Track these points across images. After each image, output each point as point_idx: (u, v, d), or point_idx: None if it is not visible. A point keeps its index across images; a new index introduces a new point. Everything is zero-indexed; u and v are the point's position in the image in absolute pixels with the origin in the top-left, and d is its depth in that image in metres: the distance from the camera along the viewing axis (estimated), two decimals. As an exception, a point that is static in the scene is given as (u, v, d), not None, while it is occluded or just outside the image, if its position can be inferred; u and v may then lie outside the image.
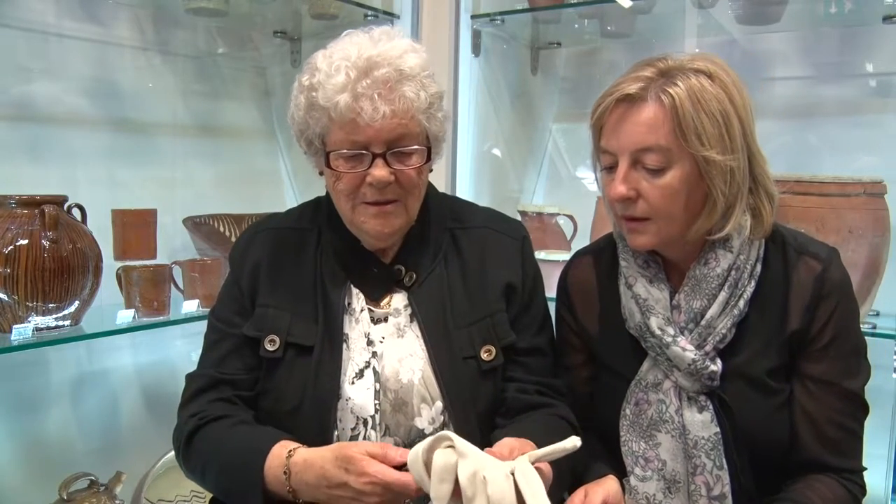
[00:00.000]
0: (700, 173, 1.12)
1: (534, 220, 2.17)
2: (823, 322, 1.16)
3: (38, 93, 1.86)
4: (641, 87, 1.12)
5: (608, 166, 1.18)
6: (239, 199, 2.25)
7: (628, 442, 1.23)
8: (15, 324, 1.50)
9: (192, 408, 1.23)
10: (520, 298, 1.29)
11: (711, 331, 1.17)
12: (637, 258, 1.24)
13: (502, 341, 1.24)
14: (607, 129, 1.16)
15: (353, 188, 1.19)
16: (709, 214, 1.14)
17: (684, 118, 1.09)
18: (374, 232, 1.21)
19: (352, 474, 1.02)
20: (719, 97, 1.10)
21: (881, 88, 2.00)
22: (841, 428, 1.17)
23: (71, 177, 1.89)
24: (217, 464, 1.17)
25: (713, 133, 1.09)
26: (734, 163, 1.11)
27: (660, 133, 1.10)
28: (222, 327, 1.28)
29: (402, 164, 1.18)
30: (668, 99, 1.10)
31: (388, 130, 1.15)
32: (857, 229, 1.59)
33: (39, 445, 1.87)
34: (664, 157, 1.11)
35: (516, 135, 2.49)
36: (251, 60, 2.41)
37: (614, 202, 1.16)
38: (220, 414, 1.20)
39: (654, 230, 1.16)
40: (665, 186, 1.12)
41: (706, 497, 1.16)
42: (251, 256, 1.29)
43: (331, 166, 1.19)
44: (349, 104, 1.13)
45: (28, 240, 1.49)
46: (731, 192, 1.13)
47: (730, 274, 1.16)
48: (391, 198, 1.19)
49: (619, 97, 1.13)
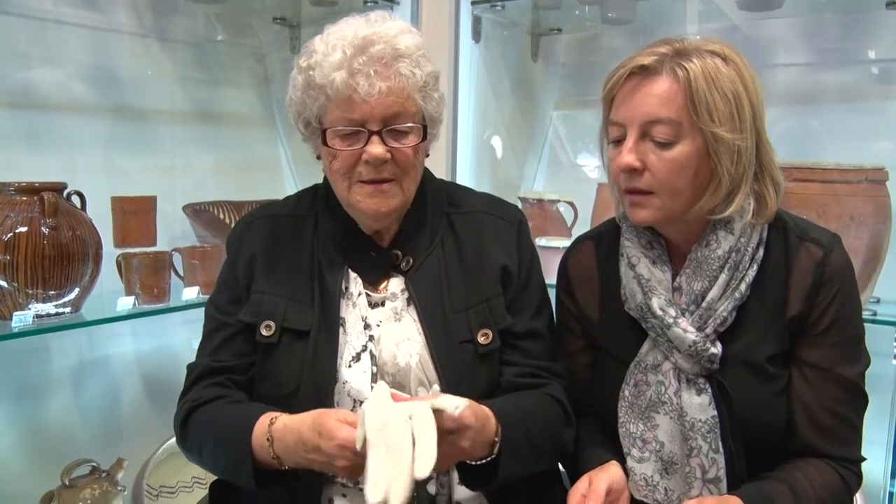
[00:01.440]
0: (708, 151, 1.12)
1: (534, 206, 2.17)
2: (823, 308, 1.16)
3: (37, 80, 1.85)
4: (657, 60, 1.12)
5: (616, 139, 1.17)
6: (239, 186, 2.25)
7: (626, 423, 1.23)
8: (15, 311, 1.50)
9: (188, 395, 1.25)
10: (516, 282, 1.29)
11: (712, 313, 1.17)
12: (641, 238, 1.24)
13: (499, 325, 1.25)
14: (618, 100, 1.16)
15: (350, 167, 1.19)
16: (713, 194, 1.14)
17: (697, 93, 1.09)
18: (370, 211, 1.21)
19: (324, 438, 1.03)
20: (732, 79, 1.11)
21: (883, 75, 1.99)
22: (836, 416, 1.17)
23: (70, 164, 1.89)
24: (211, 442, 1.18)
25: (724, 111, 1.10)
26: (742, 143, 1.11)
27: (671, 106, 1.11)
28: (218, 316, 1.29)
29: (398, 143, 1.19)
30: (682, 73, 1.10)
31: (384, 107, 1.16)
32: (859, 216, 1.58)
33: (41, 432, 1.88)
34: (674, 131, 1.11)
35: (517, 121, 2.48)
36: (250, 47, 2.40)
37: (620, 173, 1.16)
38: (213, 396, 1.22)
39: (656, 204, 1.15)
40: (672, 160, 1.12)
41: (701, 479, 1.17)
42: (247, 245, 1.30)
43: (327, 144, 1.19)
44: (345, 80, 1.14)
45: (27, 227, 1.49)
46: (738, 173, 1.13)
47: (730, 256, 1.16)
48: (387, 176, 1.19)
49: (633, 68, 1.13)
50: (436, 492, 1.17)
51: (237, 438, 1.13)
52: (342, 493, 1.19)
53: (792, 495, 1.11)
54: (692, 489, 1.17)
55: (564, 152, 2.51)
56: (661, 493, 1.20)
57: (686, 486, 1.18)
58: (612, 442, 1.27)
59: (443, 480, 1.18)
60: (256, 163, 2.42)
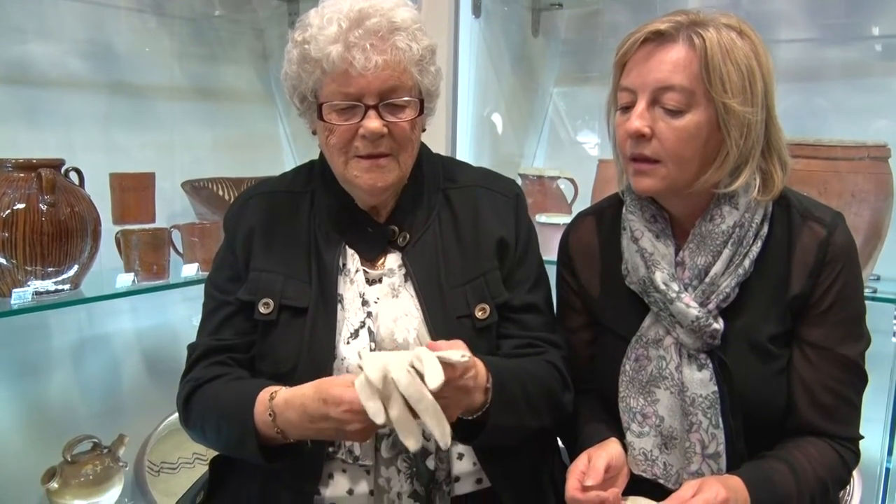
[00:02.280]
0: (718, 122, 1.11)
1: (534, 183, 2.16)
2: (826, 287, 1.16)
3: (33, 55, 1.83)
4: (673, 27, 1.11)
5: (625, 105, 1.16)
6: (237, 162, 2.24)
7: (626, 398, 1.23)
8: (14, 288, 1.50)
9: (189, 375, 1.24)
10: (513, 255, 1.28)
11: (715, 289, 1.16)
12: (645, 212, 1.23)
13: (496, 299, 1.24)
14: (630, 65, 1.15)
15: (346, 142, 1.18)
16: (720, 167, 1.13)
17: (712, 62, 1.08)
18: (366, 186, 1.20)
19: (330, 405, 1.02)
20: (747, 53, 1.10)
21: (887, 51, 1.97)
22: (836, 395, 1.17)
23: (67, 140, 1.88)
24: (213, 420, 1.18)
25: (737, 83, 1.09)
26: (752, 117, 1.10)
27: (685, 74, 1.10)
28: (217, 294, 1.29)
29: (394, 117, 1.18)
30: (699, 41, 1.09)
31: (380, 81, 1.15)
32: (861, 193, 1.58)
33: (42, 409, 1.89)
34: (685, 99, 1.10)
35: (517, 98, 2.46)
36: (249, 22, 2.37)
37: (627, 140, 1.15)
38: (214, 375, 1.21)
39: (662, 174, 1.14)
40: (682, 129, 1.11)
41: (700, 454, 1.17)
42: (244, 222, 1.29)
43: (323, 119, 1.19)
44: (341, 54, 1.13)
45: (25, 203, 1.48)
46: (746, 147, 1.12)
47: (734, 231, 1.15)
48: (384, 151, 1.19)
49: (648, 34, 1.12)
50: (434, 467, 1.17)
51: (240, 415, 1.12)
52: (342, 468, 1.20)
53: (791, 474, 1.12)
54: (691, 464, 1.18)
55: (565, 129, 2.50)
56: (659, 468, 1.21)
57: (685, 461, 1.19)
58: (611, 419, 1.27)
59: (441, 455, 1.18)
60: (255, 139, 2.41)
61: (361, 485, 1.19)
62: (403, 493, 1.16)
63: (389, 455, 1.16)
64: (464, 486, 1.22)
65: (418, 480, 1.16)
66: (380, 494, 1.17)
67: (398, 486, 1.16)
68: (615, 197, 1.34)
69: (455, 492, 1.21)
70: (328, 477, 1.20)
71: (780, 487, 1.10)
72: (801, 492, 1.11)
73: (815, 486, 1.13)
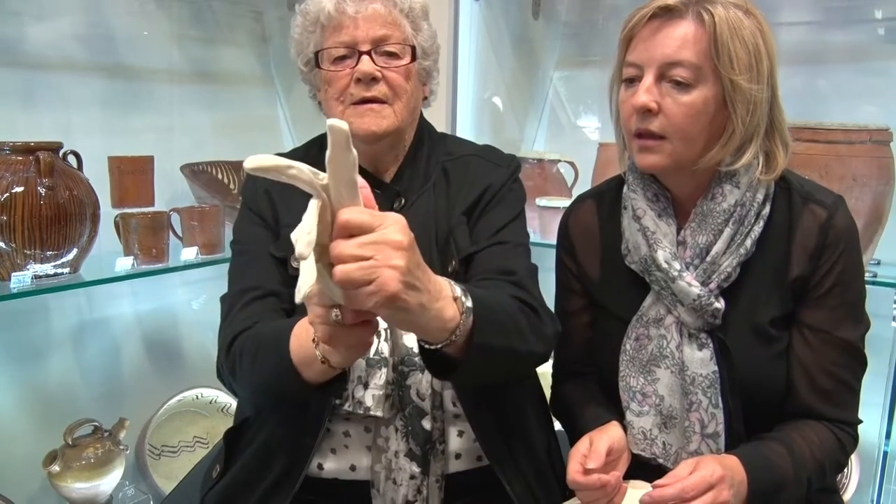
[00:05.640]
0: (724, 99, 1.11)
1: (534, 166, 2.15)
2: (826, 270, 1.15)
3: (31, 37, 1.82)
4: (682, 3, 1.11)
5: (629, 79, 1.16)
6: (237, 145, 2.23)
7: (626, 377, 1.23)
8: (14, 272, 1.49)
9: (236, 322, 1.19)
10: (482, 209, 1.28)
11: (716, 268, 1.16)
12: (647, 191, 1.22)
13: (462, 252, 1.24)
14: (637, 40, 1.14)
15: (342, 89, 1.23)
16: (725, 144, 1.13)
17: (721, 38, 1.08)
18: (361, 131, 1.22)
19: None
20: (753, 31, 1.11)
21: (890, 34, 1.96)
22: (835, 378, 1.17)
23: (66, 124, 1.87)
24: (250, 354, 1.13)
25: (744, 60, 1.09)
26: (759, 94, 1.11)
27: (694, 49, 1.09)
28: (250, 248, 1.27)
29: (387, 63, 1.23)
30: (708, 17, 1.09)
31: (373, 29, 1.22)
32: (862, 177, 1.57)
33: (43, 392, 1.89)
34: (692, 75, 1.10)
35: (517, 81, 2.45)
36: (247, 5, 2.36)
37: (632, 115, 1.14)
38: (262, 319, 1.18)
39: (667, 150, 1.13)
40: (689, 104, 1.11)
41: (699, 434, 1.17)
42: (260, 187, 1.31)
43: (321, 67, 1.25)
44: (336, 4, 1.22)
45: (24, 187, 1.48)
46: (752, 124, 1.12)
47: (736, 210, 1.15)
48: (378, 96, 1.23)
49: (656, 9, 1.12)
50: (430, 427, 1.18)
51: (278, 343, 1.06)
52: (345, 417, 1.20)
53: (789, 456, 1.12)
54: (690, 443, 1.18)
55: (565, 113, 2.49)
56: (658, 447, 1.21)
57: (684, 441, 1.19)
58: (611, 402, 1.27)
59: (436, 415, 1.19)
60: (254, 122, 2.40)
61: (362, 440, 1.20)
62: (400, 452, 1.17)
63: (389, 414, 1.17)
64: (463, 463, 1.23)
65: (414, 440, 1.17)
66: (378, 453, 1.18)
67: (395, 445, 1.17)
68: (615, 179, 1.33)
69: (453, 468, 1.22)
70: (326, 432, 1.21)
71: (776, 468, 1.10)
72: (798, 474, 1.11)
73: (812, 469, 1.13)
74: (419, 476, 1.18)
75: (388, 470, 1.18)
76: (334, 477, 1.21)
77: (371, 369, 1.17)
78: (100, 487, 1.77)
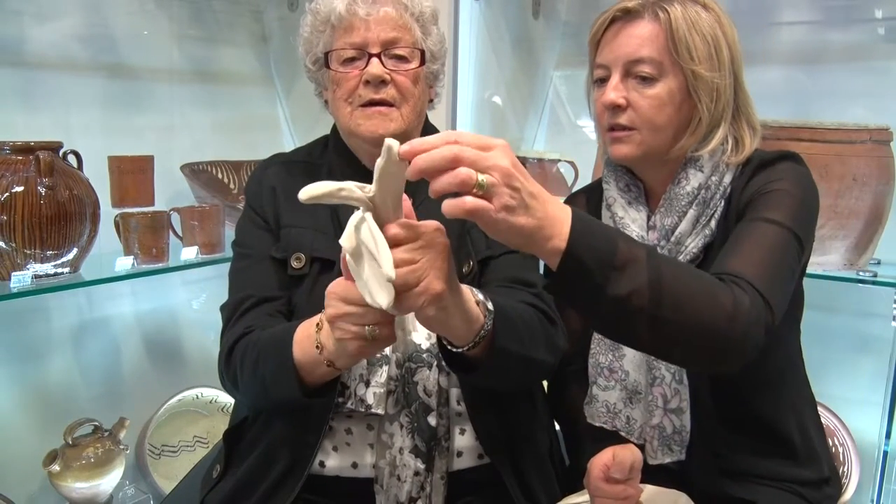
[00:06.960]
0: (688, 89, 1.17)
1: (535, 166, 2.16)
2: (756, 188, 1.14)
3: (31, 37, 1.82)
4: (639, 4, 1.19)
5: (600, 79, 1.23)
6: (237, 145, 2.23)
7: (596, 354, 1.28)
8: (14, 271, 1.49)
9: (234, 330, 1.21)
10: None
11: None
12: (619, 181, 1.28)
13: (479, 255, 1.26)
14: (603, 43, 1.23)
15: (351, 90, 1.24)
16: (694, 132, 1.19)
17: (677, 33, 1.16)
18: (368, 134, 1.23)
19: (329, 307, 0.97)
20: (711, 24, 1.17)
21: (890, 34, 1.96)
22: (753, 244, 1.06)
23: (65, 123, 1.87)
24: (252, 360, 1.15)
25: (703, 51, 1.16)
26: (720, 81, 1.17)
27: (653, 46, 1.17)
28: (250, 252, 1.29)
29: (396, 66, 1.24)
30: (664, 15, 1.17)
31: (384, 32, 1.23)
32: (862, 177, 1.57)
33: (43, 392, 1.89)
34: (655, 69, 1.17)
35: (517, 81, 2.45)
36: (247, 4, 2.36)
37: (604, 112, 1.21)
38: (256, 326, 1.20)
39: (637, 140, 1.20)
40: (654, 97, 1.17)
41: (662, 408, 1.20)
42: (266, 184, 1.32)
43: (330, 67, 1.25)
44: (347, 5, 1.23)
45: (24, 186, 1.48)
46: (717, 111, 1.18)
47: (699, 193, 1.19)
48: (386, 99, 1.24)
49: (616, 13, 1.20)
50: (436, 423, 1.18)
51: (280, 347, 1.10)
52: (347, 415, 1.20)
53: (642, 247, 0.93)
54: (653, 418, 1.21)
55: (565, 113, 2.49)
56: (622, 421, 1.24)
57: (648, 415, 1.22)
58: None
59: (442, 412, 1.19)
60: (255, 122, 2.40)
61: (364, 437, 1.20)
62: (405, 448, 1.17)
63: (394, 410, 1.17)
64: (466, 460, 1.23)
65: (419, 436, 1.17)
66: (382, 449, 1.18)
67: (400, 441, 1.17)
68: None
69: (457, 465, 1.22)
70: (329, 429, 1.20)
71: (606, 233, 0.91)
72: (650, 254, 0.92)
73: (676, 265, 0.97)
74: (423, 473, 1.18)
75: (392, 466, 1.18)
76: (336, 474, 1.21)
77: (372, 367, 1.17)
78: (100, 487, 1.77)
